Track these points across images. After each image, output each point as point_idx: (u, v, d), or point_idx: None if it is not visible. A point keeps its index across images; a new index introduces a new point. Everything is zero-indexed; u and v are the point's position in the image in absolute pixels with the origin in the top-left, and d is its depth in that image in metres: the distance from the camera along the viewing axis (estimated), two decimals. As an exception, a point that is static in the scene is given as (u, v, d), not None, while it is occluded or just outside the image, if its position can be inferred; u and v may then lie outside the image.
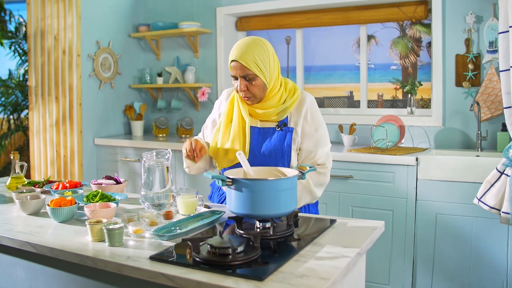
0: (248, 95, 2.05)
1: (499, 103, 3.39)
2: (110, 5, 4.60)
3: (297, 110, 2.13)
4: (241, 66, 1.99)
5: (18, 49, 5.69)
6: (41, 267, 1.72)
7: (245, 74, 2.00)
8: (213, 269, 1.34)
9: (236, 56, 2.00)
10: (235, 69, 2.02)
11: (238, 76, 2.02)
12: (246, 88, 2.03)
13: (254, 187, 1.59)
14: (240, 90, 2.04)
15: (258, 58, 2.00)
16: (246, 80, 2.02)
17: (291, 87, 2.15)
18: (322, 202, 3.39)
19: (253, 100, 2.07)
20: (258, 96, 2.06)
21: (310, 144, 2.12)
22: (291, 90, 2.14)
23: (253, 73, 2.00)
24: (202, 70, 4.69)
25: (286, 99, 2.11)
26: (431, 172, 3.09)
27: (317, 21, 4.20)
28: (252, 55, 1.99)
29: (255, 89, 2.03)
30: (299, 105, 2.14)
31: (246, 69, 1.99)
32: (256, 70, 2.00)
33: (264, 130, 2.11)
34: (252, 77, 2.01)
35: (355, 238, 1.63)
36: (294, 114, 2.13)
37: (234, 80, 2.07)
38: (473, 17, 3.47)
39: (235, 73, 2.03)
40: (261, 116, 2.11)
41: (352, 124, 3.86)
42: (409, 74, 3.99)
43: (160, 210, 1.93)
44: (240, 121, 2.11)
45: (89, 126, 4.48)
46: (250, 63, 1.99)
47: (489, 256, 2.97)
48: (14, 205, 2.15)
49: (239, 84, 2.03)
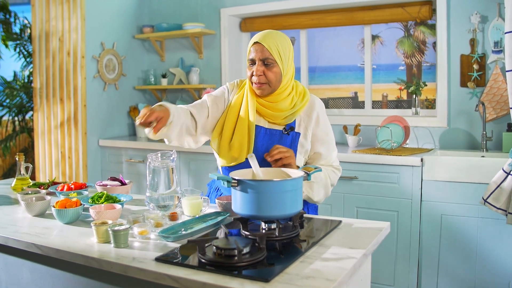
0: (263, 80, 2.01)
1: (504, 103, 3.38)
2: (114, 7, 4.61)
3: (307, 114, 2.12)
4: (263, 49, 1.98)
5: (23, 51, 5.71)
6: (46, 269, 1.72)
7: (265, 57, 1.98)
8: (218, 270, 1.33)
9: (260, 38, 1.99)
10: (255, 52, 2.00)
11: (257, 59, 2.00)
12: (262, 73, 2.00)
13: (259, 188, 1.58)
14: (256, 75, 2.00)
15: (281, 46, 2.00)
16: (265, 64, 2.00)
17: (301, 90, 2.14)
18: (327, 203, 3.39)
19: (266, 88, 2.03)
20: (272, 84, 2.02)
21: (324, 148, 2.12)
22: (301, 93, 2.13)
23: (273, 58, 1.99)
24: (207, 71, 4.70)
25: (296, 102, 2.09)
26: (436, 172, 3.08)
27: (321, 21, 4.19)
28: (275, 41, 2.00)
29: (272, 75, 2.00)
30: (309, 109, 2.13)
31: (267, 52, 1.98)
32: (276, 56, 1.99)
33: (270, 131, 2.09)
34: (271, 62, 1.99)
35: (361, 239, 1.62)
36: (304, 118, 2.12)
37: (251, 65, 2.04)
38: (478, 17, 3.45)
39: (255, 56, 2.00)
40: (269, 117, 2.08)
41: (357, 125, 3.85)
42: (414, 74, 3.99)
43: (165, 212, 1.92)
44: (247, 118, 2.07)
45: (94, 128, 4.49)
46: (272, 47, 1.98)
47: (494, 257, 2.95)
48: (20, 207, 2.16)
49: (255, 68, 2.00)
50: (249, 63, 2.05)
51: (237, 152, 2.04)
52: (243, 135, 2.05)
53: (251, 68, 2.04)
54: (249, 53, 2.04)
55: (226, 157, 2.08)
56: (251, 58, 2.03)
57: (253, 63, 2.03)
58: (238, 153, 2.04)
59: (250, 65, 2.05)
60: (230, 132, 2.08)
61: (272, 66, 2.00)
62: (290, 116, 2.08)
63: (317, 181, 2.05)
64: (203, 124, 2.12)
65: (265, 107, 2.07)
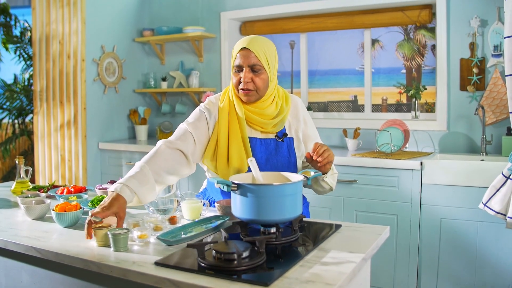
0: (251, 87, 1.97)
1: (504, 107, 3.38)
2: (114, 10, 4.62)
3: (294, 117, 2.13)
4: (251, 55, 1.95)
5: (23, 54, 5.71)
6: (46, 272, 1.72)
7: (253, 63, 1.95)
8: (218, 274, 1.33)
9: (248, 44, 1.96)
10: (243, 58, 1.96)
11: (245, 66, 1.96)
12: (251, 80, 1.97)
13: (259, 192, 1.58)
14: (244, 81, 1.96)
15: (268, 52, 1.99)
16: (253, 71, 1.97)
17: (282, 93, 2.12)
18: (326, 206, 3.39)
19: (254, 95, 1.99)
20: (260, 91, 1.99)
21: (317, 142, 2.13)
22: (283, 97, 2.11)
23: (261, 65, 1.96)
24: (206, 75, 4.70)
25: (281, 106, 2.07)
26: (436, 176, 3.08)
27: (321, 25, 4.20)
28: (263, 47, 1.98)
29: (260, 82, 1.97)
30: (295, 111, 2.14)
31: (255, 59, 1.95)
32: (264, 63, 1.97)
33: (265, 141, 2.07)
34: (259, 69, 1.97)
35: (360, 243, 1.62)
36: (293, 122, 2.13)
37: (237, 71, 2.00)
38: (478, 21, 3.46)
39: (242, 62, 1.96)
40: (260, 124, 2.05)
41: (356, 129, 3.85)
42: (414, 78, 3.99)
43: (165, 215, 1.92)
44: (238, 129, 2.02)
45: (94, 131, 4.49)
46: (260, 53, 1.96)
47: (494, 261, 2.95)
48: (19, 210, 2.16)
49: (243, 74, 1.96)
50: (234, 69, 2.01)
51: (238, 163, 2.00)
52: (239, 146, 2.02)
53: (238, 75, 2.00)
54: (234, 59, 2.00)
55: (227, 172, 2.02)
56: (238, 65, 1.98)
57: (239, 69, 1.99)
58: (239, 163, 2.00)
59: (236, 71, 2.00)
60: (225, 149, 2.03)
61: (260, 72, 1.97)
62: (279, 123, 2.07)
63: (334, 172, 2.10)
64: (192, 151, 2.02)
65: (254, 114, 2.04)
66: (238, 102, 2.05)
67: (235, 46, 2.03)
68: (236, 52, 2.00)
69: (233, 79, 2.03)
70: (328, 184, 2.04)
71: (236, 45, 2.03)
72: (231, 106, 2.06)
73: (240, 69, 1.99)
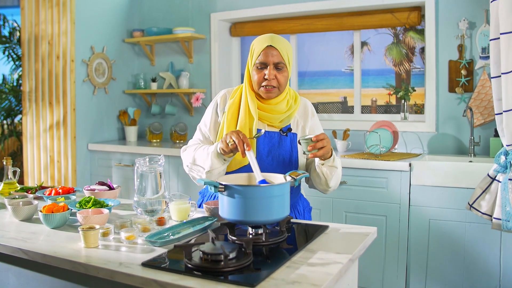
0: (275, 84, 2.02)
1: (492, 109, 3.41)
2: (104, 11, 4.60)
3: (303, 115, 2.18)
4: (276, 53, 2.00)
5: (12, 54, 5.67)
6: (33, 274, 1.71)
7: (279, 61, 2.00)
8: (205, 275, 1.34)
9: (272, 42, 2.00)
10: (269, 55, 2.00)
11: (270, 63, 2.00)
12: (275, 77, 2.01)
13: (246, 193, 1.59)
14: (269, 78, 2.00)
15: (289, 51, 2.05)
16: (276, 69, 2.01)
17: (293, 93, 2.18)
18: (316, 208, 3.40)
19: (275, 92, 2.04)
20: (282, 88, 2.05)
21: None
22: (293, 97, 2.16)
23: (284, 63, 2.02)
24: (196, 76, 4.70)
25: (291, 104, 2.13)
26: (424, 177, 3.10)
27: (311, 27, 4.21)
28: (285, 45, 2.03)
29: (282, 79, 2.03)
30: (304, 110, 2.19)
31: (279, 57, 2.00)
32: (287, 61, 2.02)
33: (269, 134, 2.10)
34: (282, 67, 2.02)
35: (347, 244, 1.63)
36: (300, 120, 2.17)
37: (260, 68, 2.03)
38: (466, 23, 3.49)
39: (268, 59, 2.00)
40: (268, 119, 2.08)
41: (346, 130, 3.87)
42: (403, 79, 4.01)
43: (152, 216, 1.92)
44: (247, 122, 2.06)
45: (83, 132, 4.47)
46: (283, 51, 2.01)
47: (482, 262, 2.98)
48: (6, 211, 2.14)
49: (268, 72, 2.00)
50: (256, 66, 2.03)
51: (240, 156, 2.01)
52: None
53: (260, 72, 2.03)
54: (257, 56, 2.02)
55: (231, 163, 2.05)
56: (262, 62, 2.01)
57: (263, 66, 2.02)
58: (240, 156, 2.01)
59: (259, 68, 2.03)
60: None
61: (283, 70, 2.03)
62: (286, 118, 2.10)
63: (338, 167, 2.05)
64: None
65: (264, 111, 2.08)
66: (253, 99, 2.07)
67: (255, 43, 2.05)
68: (259, 49, 2.02)
69: (254, 76, 2.05)
70: (323, 175, 2.01)
71: (257, 42, 2.05)
72: (244, 102, 2.09)
73: (264, 66, 2.02)
